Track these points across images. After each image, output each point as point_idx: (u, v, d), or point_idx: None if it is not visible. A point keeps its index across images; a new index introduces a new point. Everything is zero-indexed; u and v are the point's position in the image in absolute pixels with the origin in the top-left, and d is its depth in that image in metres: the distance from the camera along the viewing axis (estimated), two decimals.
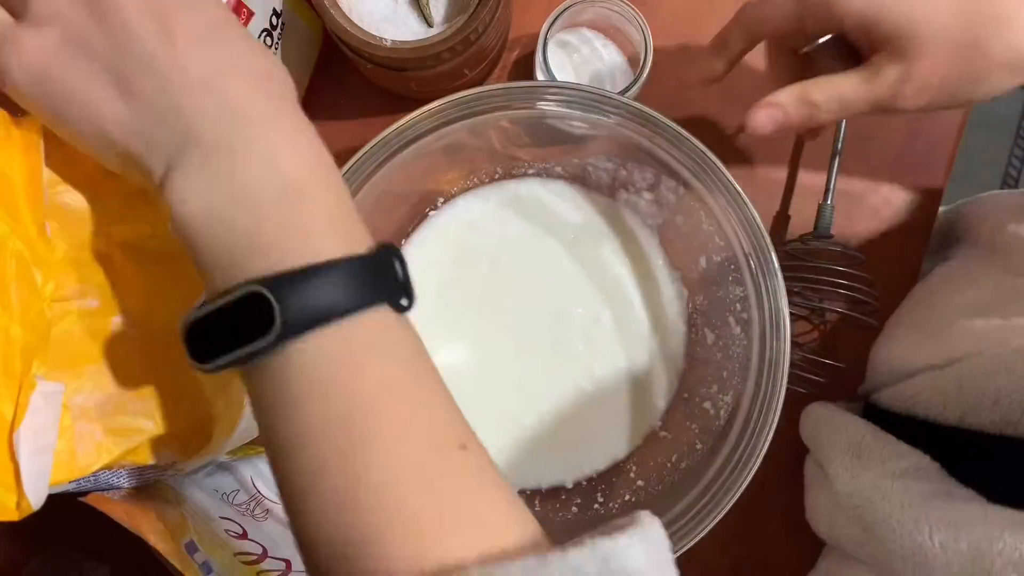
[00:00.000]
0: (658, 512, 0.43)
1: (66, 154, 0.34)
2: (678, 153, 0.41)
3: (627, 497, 0.48)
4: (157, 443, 0.38)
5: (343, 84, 0.56)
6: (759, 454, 0.40)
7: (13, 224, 0.33)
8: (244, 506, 0.47)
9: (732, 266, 0.44)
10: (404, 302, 0.28)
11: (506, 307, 0.50)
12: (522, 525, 0.27)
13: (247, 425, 0.44)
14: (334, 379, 0.26)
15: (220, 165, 0.27)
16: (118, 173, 0.31)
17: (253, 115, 0.28)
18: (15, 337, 0.32)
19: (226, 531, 0.44)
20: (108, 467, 0.36)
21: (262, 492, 0.49)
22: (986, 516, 0.33)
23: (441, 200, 0.51)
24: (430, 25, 0.48)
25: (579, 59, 0.52)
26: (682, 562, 0.40)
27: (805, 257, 0.51)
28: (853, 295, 0.50)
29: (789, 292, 0.42)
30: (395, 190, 0.46)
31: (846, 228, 0.54)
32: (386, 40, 0.45)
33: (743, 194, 0.41)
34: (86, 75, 0.28)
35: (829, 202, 0.52)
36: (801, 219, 0.54)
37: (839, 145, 0.52)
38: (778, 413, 0.40)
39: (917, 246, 0.54)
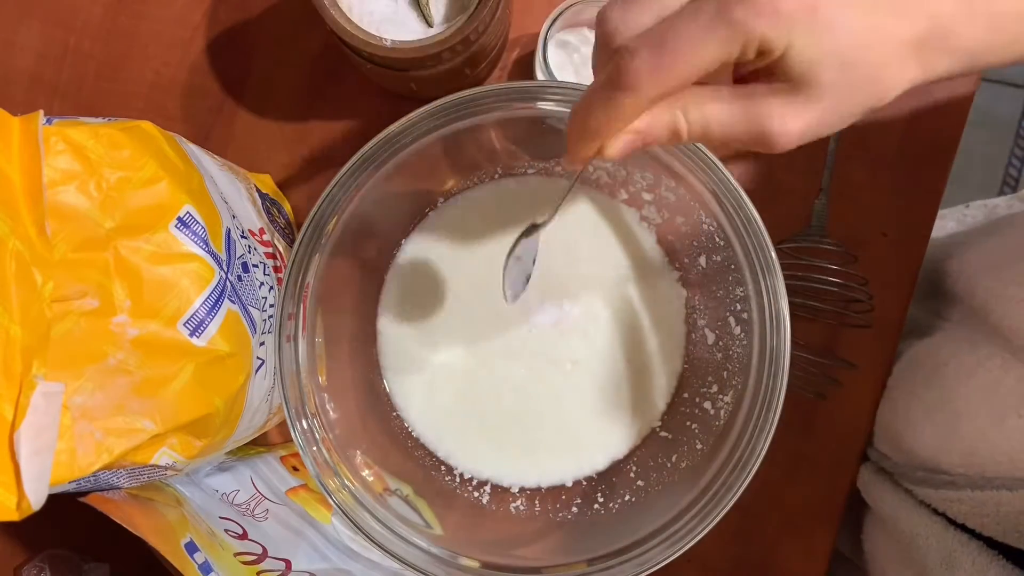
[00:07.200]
0: (658, 512, 0.43)
1: None
2: (677, 153, 0.41)
3: (627, 497, 0.48)
4: (157, 443, 0.38)
5: (343, 84, 0.56)
6: (759, 454, 0.40)
7: (13, 224, 0.33)
8: (244, 506, 0.47)
9: (732, 266, 0.44)
10: None
11: (505, 307, 0.50)
12: None
13: (247, 425, 0.44)
14: None
15: None
16: None
17: None
18: (15, 337, 0.33)
19: (226, 531, 0.44)
20: (108, 467, 0.36)
21: (262, 492, 0.49)
22: None
23: (441, 200, 0.51)
24: (430, 25, 0.48)
25: (579, 59, 0.52)
26: (682, 562, 0.40)
27: (798, 255, 0.51)
28: (846, 293, 0.50)
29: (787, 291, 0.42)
30: (395, 190, 0.46)
31: (845, 228, 0.54)
32: (386, 40, 0.45)
33: (743, 194, 0.41)
34: None
35: (822, 200, 0.52)
36: (797, 218, 0.54)
37: (833, 144, 0.52)
38: (778, 413, 0.40)
39: (916, 247, 0.54)
